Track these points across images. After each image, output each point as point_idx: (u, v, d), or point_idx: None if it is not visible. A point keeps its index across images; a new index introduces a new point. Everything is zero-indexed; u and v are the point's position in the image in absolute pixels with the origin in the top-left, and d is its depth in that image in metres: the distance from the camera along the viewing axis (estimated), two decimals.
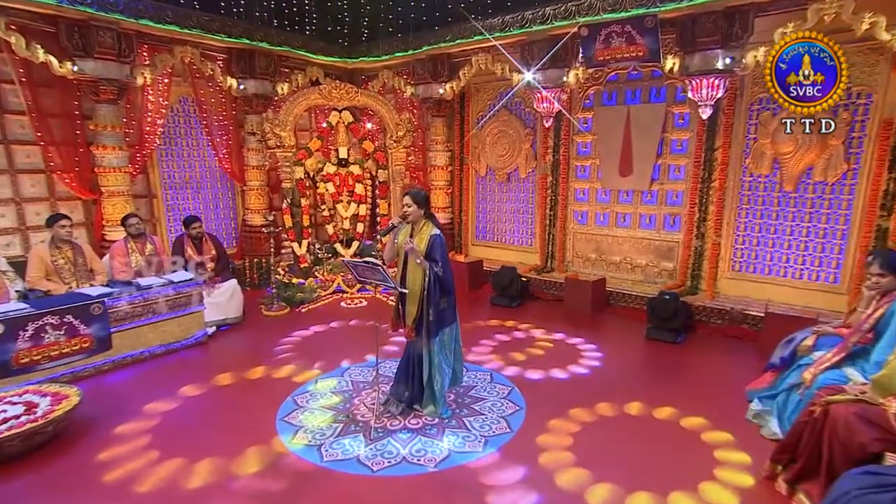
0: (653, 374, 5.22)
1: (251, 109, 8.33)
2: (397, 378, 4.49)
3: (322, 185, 8.32)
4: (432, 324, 4.06)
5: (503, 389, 4.87)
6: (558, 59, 7.21)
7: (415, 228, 4.11)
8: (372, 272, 3.99)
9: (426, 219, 4.08)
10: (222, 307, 6.38)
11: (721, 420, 4.22)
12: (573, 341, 5.97)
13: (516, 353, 5.66)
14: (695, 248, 6.90)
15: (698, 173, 6.76)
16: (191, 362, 5.50)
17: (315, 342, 6.10)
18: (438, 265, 3.98)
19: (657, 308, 6.14)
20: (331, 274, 8.07)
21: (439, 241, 4.01)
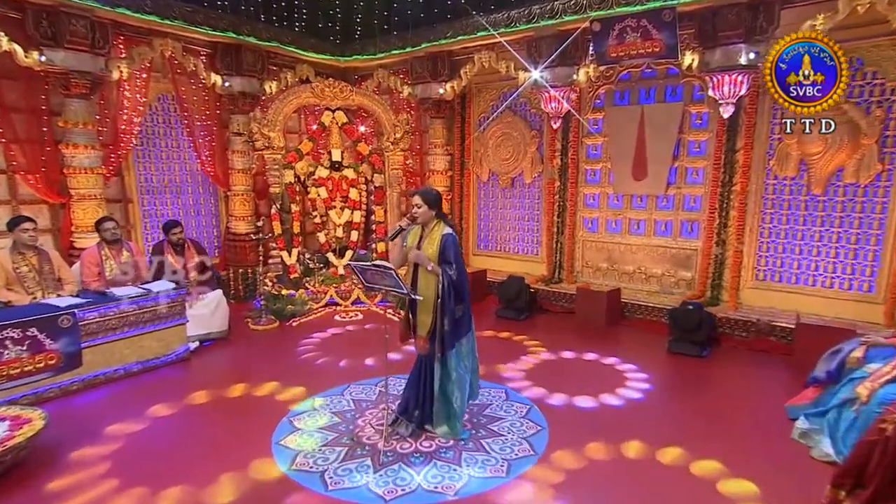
0: (686, 392, 5.00)
1: (237, 109, 8.10)
2: (407, 395, 4.23)
3: (313, 190, 8.07)
4: (448, 334, 3.83)
5: (521, 408, 4.62)
6: (568, 56, 7.10)
7: (425, 230, 3.92)
8: (382, 276, 3.74)
9: (438, 219, 3.90)
10: (206, 320, 6.07)
11: (762, 447, 3.99)
12: (603, 360, 5.70)
13: (533, 369, 5.40)
14: (715, 256, 6.75)
15: (718, 176, 6.63)
16: (171, 381, 5.18)
17: (309, 358, 5.83)
18: (453, 268, 3.77)
19: (680, 319, 5.95)
20: (323, 285, 7.78)
21: (452, 240, 3.81)
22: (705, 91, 6.62)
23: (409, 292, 3.73)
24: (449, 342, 3.85)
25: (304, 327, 6.86)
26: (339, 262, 8.15)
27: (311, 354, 5.92)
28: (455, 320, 3.84)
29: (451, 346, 3.87)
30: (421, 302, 3.88)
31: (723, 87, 6.01)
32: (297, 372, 5.33)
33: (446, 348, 3.86)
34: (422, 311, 3.92)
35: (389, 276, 3.67)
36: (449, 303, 3.77)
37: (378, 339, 6.15)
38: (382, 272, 3.69)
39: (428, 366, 4.04)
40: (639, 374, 5.36)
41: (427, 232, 3.90)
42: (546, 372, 5.39)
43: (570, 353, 5.90)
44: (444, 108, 8.69)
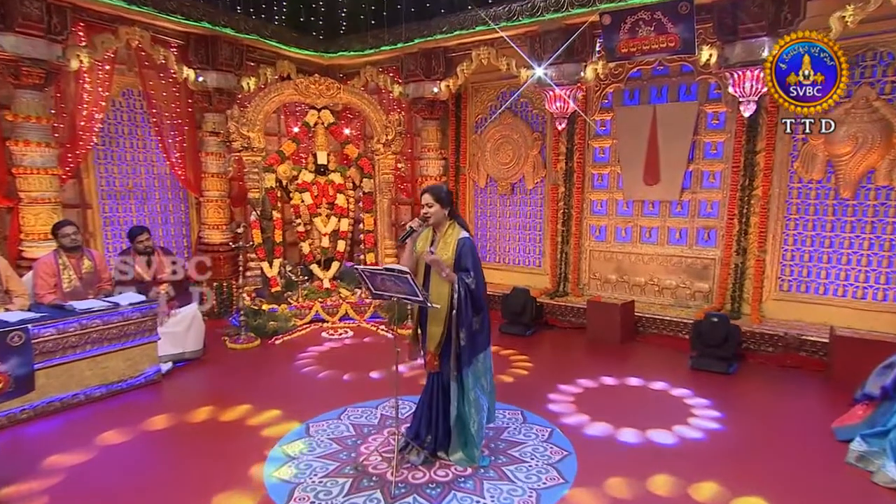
0: (734, 411, 4.79)
1: (211, 107, 7.82)
2: (417, 419, 3.97)
3: (297, 196, 7.78)
4: (464, 349, 3.62)
5: (542, 431, 4.37)
6: (574, 52, 7.00)
7: (437, 232, 3.73)
8: (395, 283, 3.47)
9: (451, 220, 3.71)
10: (179, 338, 5.70)
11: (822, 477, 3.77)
12: (628, 382, 5.43)
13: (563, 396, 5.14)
14: (735, 265, 6.64)
15: (737, 180, 6.56)
16: (137, 407, 4.78)
17: (297, 378, 5.51)
18: (471, 276, 3.57)
19: (704, 333, 5.78)
20: (307, 300, 7.45)
21: (469, 245, 3.62)
22: (723, 89, 6.57)
23: (426, 300, 3.46)
24: (466, 358, 3.64)
25: (289, 346, 6.55)
26: (325, 275, 7.86)
27: (300, 375, 5.61)
28: (472, 333, 3.63)
29: (467, 362, 3.65)
30: (431, 312, 3.65)
31: (744, 83, 5.92)
32: (285, 395, 5.04)
33: (463, 365, 3.64)
34: (432, 323, 3.68)
35: (405, 283, 3.41)
36: (466, 314, 3.56)
37: (373, 356, 6.08)
38: (396, 278, 3.43)
39: (440, 386, 3.80)
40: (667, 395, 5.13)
41: (440, 235, 3.71)
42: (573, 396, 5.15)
43: (588, 380, 5.64)
44: (438, 108, 8.54)
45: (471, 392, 3.70)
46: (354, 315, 7.45)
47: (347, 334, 6.99)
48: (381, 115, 8.01)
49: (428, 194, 3.69)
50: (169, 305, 5.79)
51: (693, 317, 6.56)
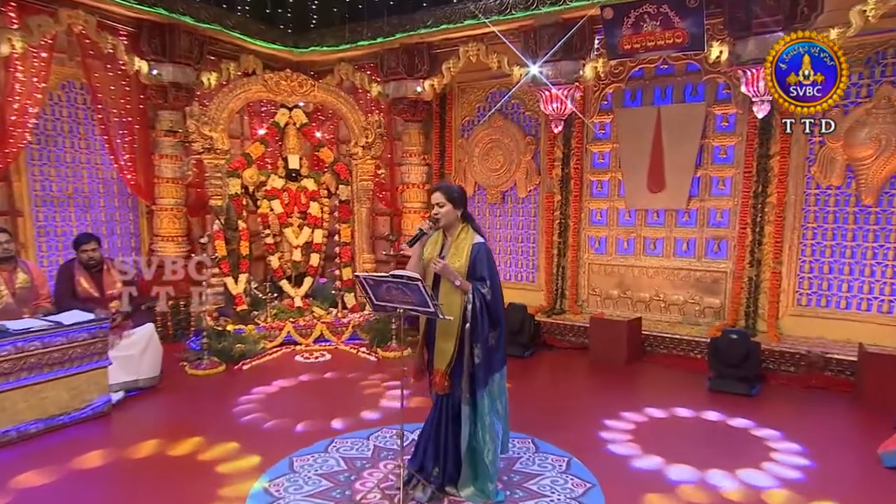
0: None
1: (166, 103, 7.49)
2: (422, 449, 3.74)
3: (265, 204, 7.49)
4: (479, 368, 3.46)
5: (558, 460, 4.17)
6: (573, 48, 6.94)
7: (448, 236, 3.59)
8: (403, 292, 3.29)
9: (464, 222, 3.57)
10: (133, 363, 5.34)
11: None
12: (654, 413, 5.19)
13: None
14: (749, 279, 6.60)
15: (750, 186, 6.54)
16: (78, 444, 4.41)
17: (271, 408, 5.18)
18: (487, 285, 3.43)
19: (723, 351, 5.68)
20: (277, 320, 7.12)
21: (485, 251, 3.50)
22: (733, 89, 6.58)
23: (438, 311, 3.28)
24: (481, 378, 3.48)
25: (258, 371, 6.23)
26: (297, 292, 7.54)
27: (274, 404, 5.30)
28: (488, 350, 3.47)
29: (483, 383, 3.49)
30: (441, 325, 3.48)
31: (757, 82, 5.91)
32: (258, 428, 4.76)
33: (477, 386, 3.48)
34: (441, 338, 3.51)
35: (415, 291, 3.23)
36: (482, 328, 3.42)
37: (355, 381, 5.84)
38: (405, 286, 3.25)
39: (450, 410, 3.60)
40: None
41: (452, 240, 3.56)
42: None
43: (601, 405, 5.44)
44: (421, 110, 8.39)
45: (486, 417, 3.52)
46: (331, 336, 7.17)
47: (324, 357, 6.72)
48: (359, 116, 7.82)
49: (439, 193, 3.55)
50: (121, 325, 5.40)
51: (705, 335, 6.48)
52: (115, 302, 5.53)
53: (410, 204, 8.58)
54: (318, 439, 4.46)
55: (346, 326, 7.30)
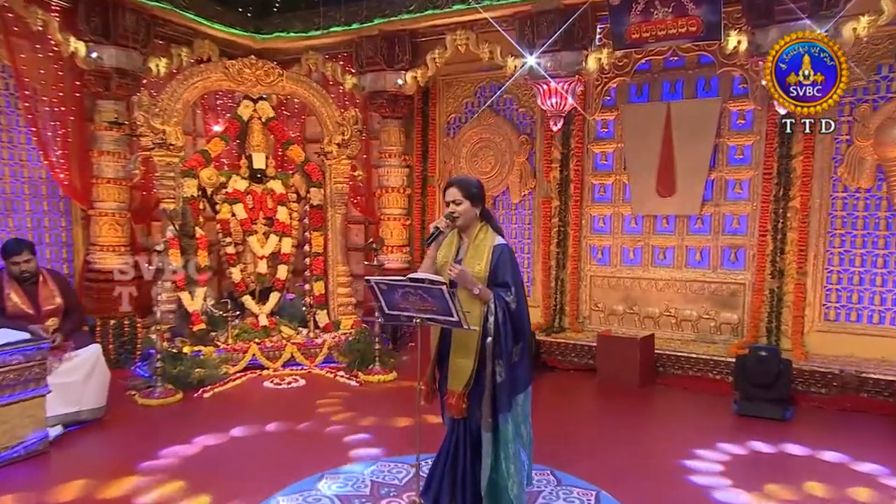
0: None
1: (108, 92, 7.15)
2: (437, 482, 3.52)
3: (225, 208, 7.20)
4: (501, 388, 3.28)
5: (585, 494, 4.01)
6: (574, 37, 6.87)
7: (464, 237, 3.46)
8: (422, 299, 3.12)
9: (483, 222, 3.44)
10: (75, 392, 4.96)
11: None
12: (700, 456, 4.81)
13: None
14: (770, 291, 6.57)
15: (770, 189, 6.53)
16: (13, 488, 4.01)
17: (240, 442, 4.88)
18: (511, 293, 3.28)
19: (750, 370, 5.59)
20: (239, 341, 6.77)
21: (508, 254, 3.37)
22: (750, 83, 6.58)
23: (464, 321, 3.10)
24: (504, 400, 3.30)
25: (222, 399, 5.92)
26: (261, 310, 7.23)
27: (244, 436, 4.99)
28: (512, 367, 3.32)
29: (506, 405, 3.31)
30: (457, 340, 3.34)
31: None
32: (228, 464, 4.48)
33: (500, 409, 3.30)
34: (458, 354, 3.35)
35: (438, 297, 3.07)
36: (505, 342, 3.26)
37: (336, 410, 5.56)
38: (425, 291, 3.08)
39: (467, 438, 3.41)
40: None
41: (470, 241, 3.42)
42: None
43: (619, 432, 5.27)
44: (402, 105, 8.27)
45: (509, 445, 3.34)
46: (303, 359, 6.88)
47: (298, 383, 6.43)
48: (333, 111, 7.61)
49: (455, 188, 3.39)
50: (61, 347, 5.00)
51: (724, 353, 6.43)
52: (51, 319, 5.16)
53: (389, 210, 8.41)
54: (302, 476, 4.14)
55: (319, 348, 7.03)
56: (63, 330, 5.13)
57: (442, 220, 3.40)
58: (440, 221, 3.40)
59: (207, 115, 8.63)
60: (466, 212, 3.35)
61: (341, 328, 7.42)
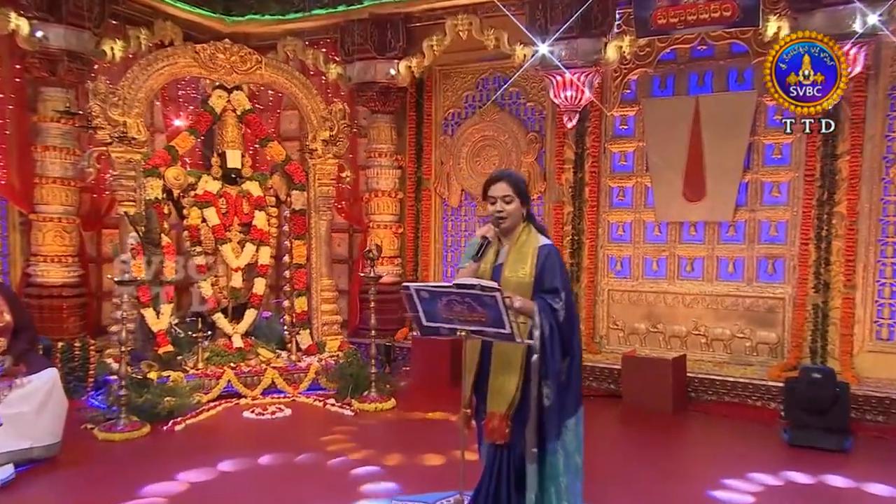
0: None
1: (54, 78, 6.90)
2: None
3: (194, 213, 6.91)
4: (550, 412, 3.16)
5: None
6: (591, 23, 6.73)
7: (504, 240, 3.35)
8: (469, 308, 2.95)
9: (526, 222, 3.36)
10: (26, 425, 4.60)
11: None
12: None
13: None
14: (814, 306, 6.47)
15: (813, 192, 6.47)
16: None
17: (238, 477, 4.65)
18: (560, 301, 3.15)
19: (802, 395, 5.46)
20: (211, 365, 6.46)
21: (556, 256, 3.28)
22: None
23: (516, 334, 2.96)
24: (552, 426, 3.18)
25: (197, 432, 5.65)
26: (235, 329, 6.93)
27: (235, 471, 4.78)
28: (561, 387, 3.19)
29: (555, 432, 3.19)
30: (498, 356, 3.23)
31: None
32: (225, 502, 4.33)
33: (548, 437, 3.19)
34: (501, 372, 3.24)
35: (488, 306, 2.91)
36: (553, 359, 3.14)
37: (334, 441, 5.38)
38: (474, 300, 2.92)
39: (510, 471, 3.26)
40: None
41: (512, 244, 3.32)
42: None
43: (657, 465, 5.06)
44: (394, 99, 8.16)
45: (560, 478, 3.21)
46: (285, 386, 6.60)
47: (283, 413, 6.15)
48: (318, 104, 7.38)
49: (504, 183, 3.29)
50: (10, 372, 4.67)
51: (764, 377, 6.35)
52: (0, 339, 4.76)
53: (379, 217, 8.25)
54: None
55: (304, 373, 6.75)
56: (13, 352, 4.81)
57: (488, 227, 3.29)
58: (487, 230, 3.28)
59: (168, 108, 8.50)
60: (515, 212, 3.26)
61: (326, 350, 7.15)
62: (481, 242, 3.24)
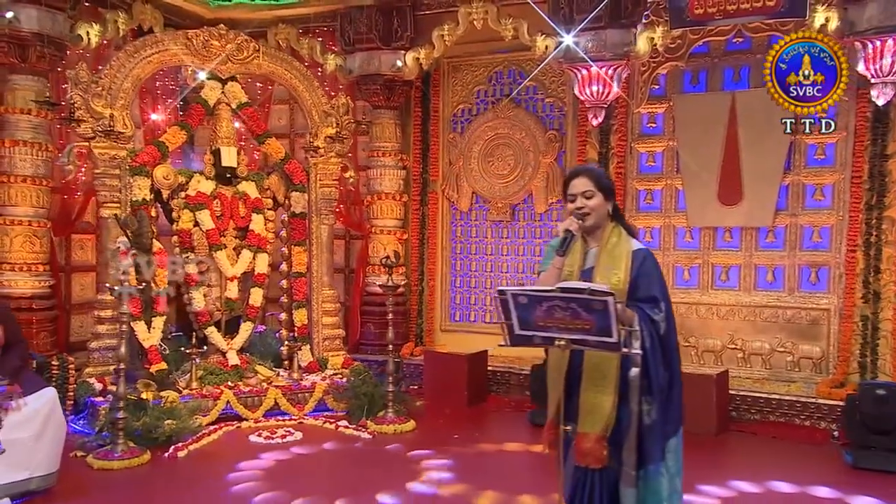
0: None
1: (24, 64, 6.80)
2: None
3: (186, 216, 6.77)
4: (651, 432, 3.12)
5: None
6: (620, 12, 6.76)
7: (590, 241, 3.30)
8: (576, 314, 2.84)
9: (614, 222, 3.31)
10: (24, 452, 4.40)
11: None
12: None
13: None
14: (862, 318, 6.53)
15: (861, 196, 6.54)
16: None
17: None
18: (660, 310, 3.16)
19: (866, 413, 5.43)
20: (205, 385, 6.33)
21: (652, 261, 3.24)
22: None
23: (625, 343, 2.88)
24: (656, 445, 3.13)
25: (202, 460, 5.49)
26: (230, 345, 6.80)
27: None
28: (662, 403, 3.16)
29: (659, 453, 3.14)
30: (590, 369, 3.16)
31: (882, 58, 5.86)
32: None
33: (651, 458, 3.12)
34: (592, 388, 3.17)
35: (597, 312, 2.81)
36: (655, 373, 3.11)
37: (355, 470, 5.37)
38: (580, 306, 2.81)
39: (604, 492, 3.18)
40: None
41: (601, 246, 3.26)
42: None
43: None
44: (399, 93, 8.14)
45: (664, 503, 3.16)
46: (289, 407, 6.50)
47: (292, 436, 6.00)
48: (320, 98, 7.33)
49: (585, 177, 3.23)
50: (5, 394, 4.41)
51: (811, 394, 6.37)
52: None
53: (382, 222, 8.20)
54: None
55: (308, 393, 6.61)
56: (5, 370, 4.58)
57: (571, 220, 3.19)
58: (570, 223, 3.18)
59: (144, 100, 8.37)
60: (598, 207, 3.18)
61: (329, 368, 7.01)
62: (565, 236, 3.17)
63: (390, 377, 6.22)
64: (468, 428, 6.48)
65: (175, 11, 8.05)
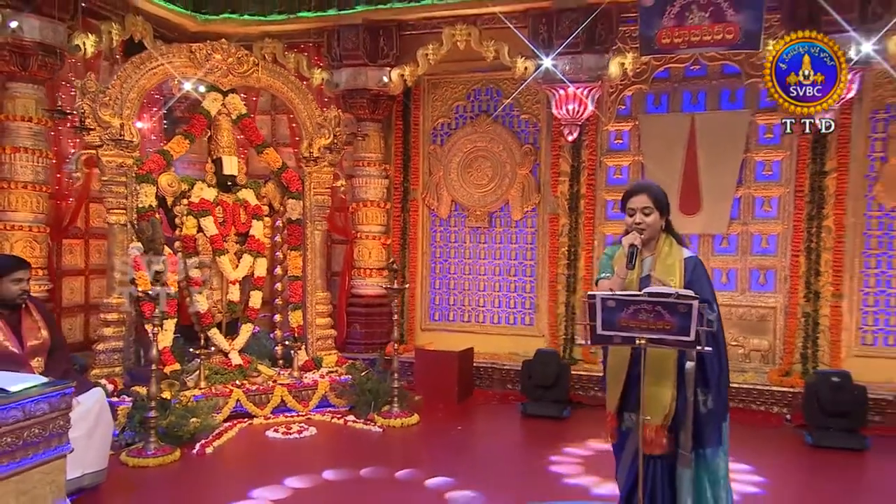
0: None
1: (25, 73, 6.68)
2: None
3: (189, 222, 6.66)
4: (709, 417, 3.30)
5: None
6: (595, 38, 7.05)
7: (644, 251, 3.44)
8: (658, 316, 3.05)
9: (666, 233, 3.49)
10: (78, 451, 4.24)
11: None
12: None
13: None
14: (805, 315, 6.96)
15: (803, 207, 6.98)
16: None
17: (319, 493, 4.70)
18: (712, 310, 3.24)
19: (824, 398, 5.86)
20: (213, 384, 6.32)
21: (701, 267, 3.44)
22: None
23: (700, 341, 3.04)
24: (713, 430, 3.32)
25: (225, 457, 5.51)
26: (232, 346, 6.78)
27: (304, 488, 4.76)
28: (717, 393, 3.33)
29: (716, 436, 3.33)
30: (652, 363, 3.25)
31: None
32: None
33: (709, 441, 3.31)
34: (652, 380, 3.29)
35: (678, 314, 3.01)
36: (712, 366, 3.29)
37: (387, 458, 5.47)
38: (665, 309, 3.02)
39: (666, 478, 3.36)
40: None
41: (655, 256, 3.43)
42: None
43: None
44: (383, 107, 8.17)
45: (722, 491, 3.33)
46: (294, 404, 6.49)
47: (308, 431, 6.05)
48: (314, 110, 7.34)
49: (645, 195, 3.38)
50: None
51: (763, 382, 6.77)
52: (36, 359, 4.49)
53: (367, 227, 8.25)
54: None
55: (311, 390, 6.62)
56: (53, 372, 4.43)
57: (634, 235, 3.33)
58: (633, 237, 3.32)
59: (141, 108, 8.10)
60: (654, 223, 3.36)
61: (324, 366, 7.08)
62: (631, 251, 3.28)
63: (395, 374, 6.35)
64: (466, 420, 6.68)
65: (164, 24, 7.94)
